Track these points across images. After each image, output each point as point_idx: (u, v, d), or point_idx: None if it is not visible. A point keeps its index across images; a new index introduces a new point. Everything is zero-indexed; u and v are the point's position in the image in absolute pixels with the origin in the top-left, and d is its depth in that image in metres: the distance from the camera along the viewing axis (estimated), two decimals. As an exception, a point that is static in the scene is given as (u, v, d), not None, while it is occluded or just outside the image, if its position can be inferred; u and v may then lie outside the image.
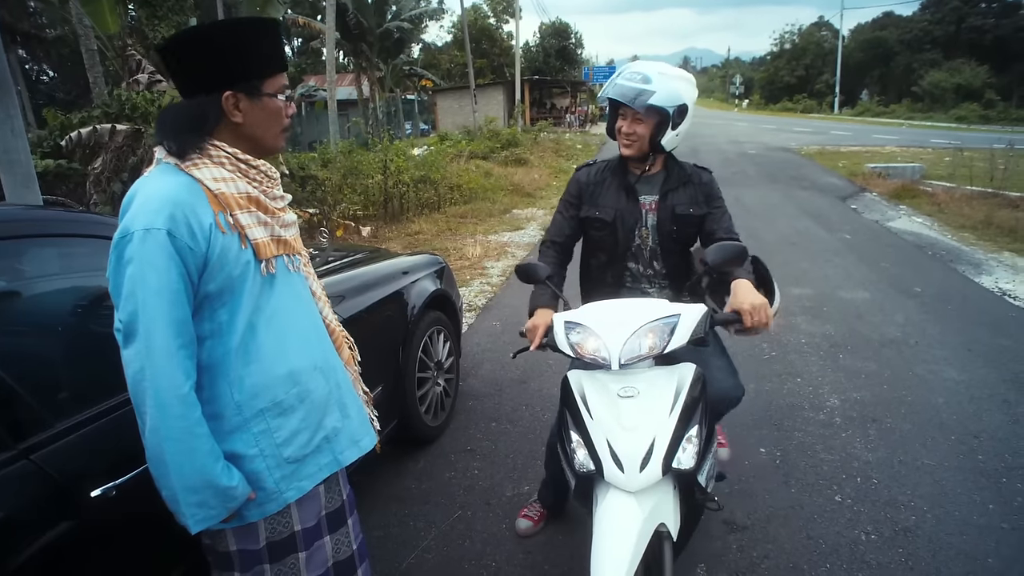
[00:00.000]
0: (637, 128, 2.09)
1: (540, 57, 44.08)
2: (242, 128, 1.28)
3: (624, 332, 1.72)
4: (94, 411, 1.44)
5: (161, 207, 1.15)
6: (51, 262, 1.66)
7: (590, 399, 1.71)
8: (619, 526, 1.52)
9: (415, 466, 2.93)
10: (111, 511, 1.37)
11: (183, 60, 1.24)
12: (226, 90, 1.24)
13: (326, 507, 1.43)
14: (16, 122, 3.63)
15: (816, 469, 2.79)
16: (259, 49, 1.27)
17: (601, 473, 1.59)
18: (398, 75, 34.19)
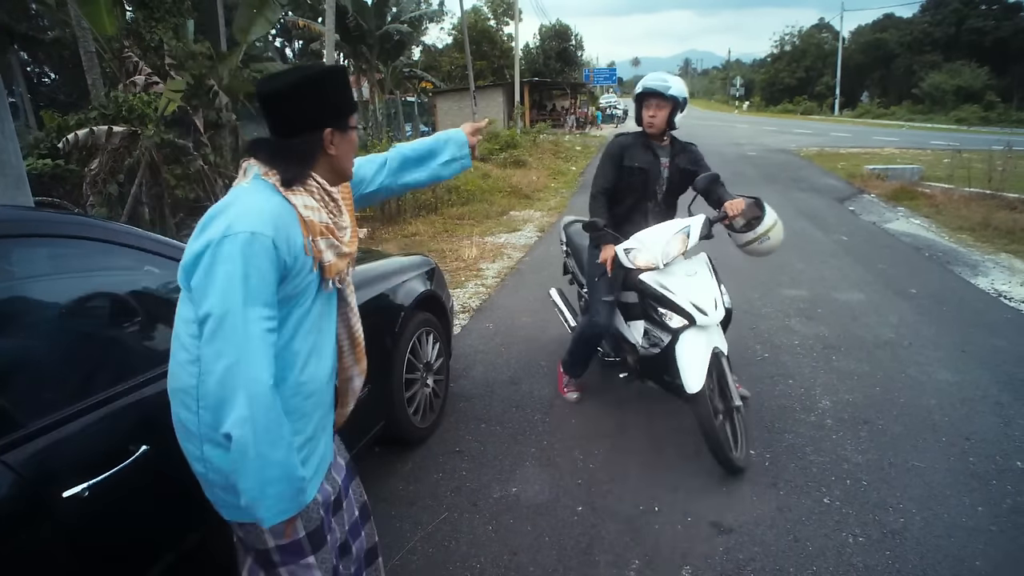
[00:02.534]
0: (659, 113, 3.10)
1: (540, 59, 44.07)
2: (334, 160, 1.45)
3: (661, 245, 2.87)
4: (70, 411, 1.43)
5: (269, 218, 1.28)
6: (28, 263, 1.64)
7: (668, 284, 2.86)
8: (699, 350, 2.75)
9: (403, 467, 2.92)
10: (84, 512, 1.36)
11: (292, 102, 1.38)
12: (328, 127, 1.41)
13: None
14: (7, 124, 3.62)
15: (805, 471, 2.78)
16: (347, 92, 1.48)
17: (693, 321, 2.79)
18: (398, 77, 34.21)
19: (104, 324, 1.70)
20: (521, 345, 4.35)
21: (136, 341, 1.75)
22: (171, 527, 1.63)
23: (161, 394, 1.50)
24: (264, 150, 1.40)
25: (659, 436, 3.11)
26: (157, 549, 1.59)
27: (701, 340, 2.77)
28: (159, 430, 1.56)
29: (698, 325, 2.78)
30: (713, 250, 3.16)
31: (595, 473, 2.82)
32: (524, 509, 2.59)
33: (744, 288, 5.46)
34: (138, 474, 1.48)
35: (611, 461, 2.91)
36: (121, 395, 1.55)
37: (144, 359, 1.69)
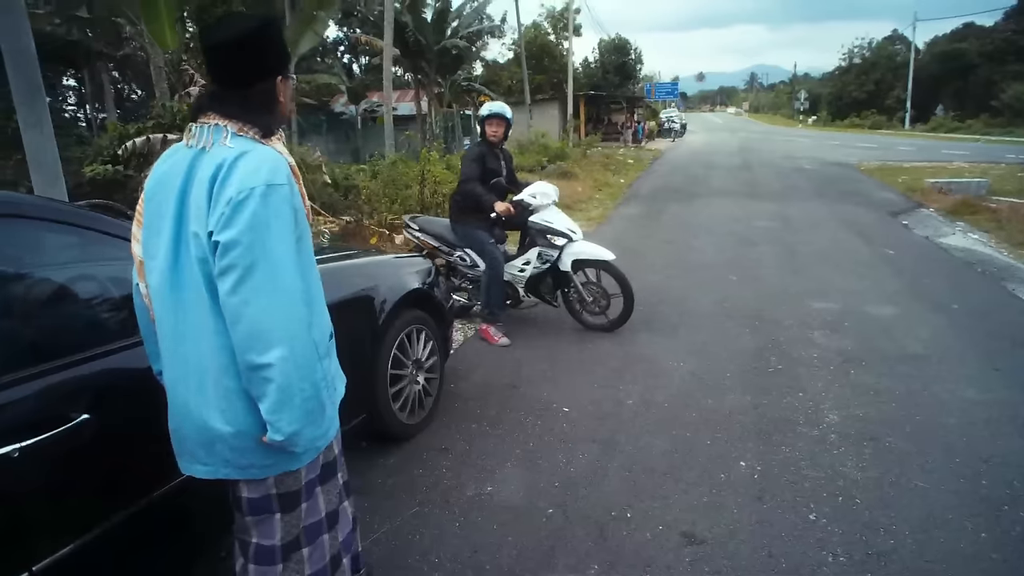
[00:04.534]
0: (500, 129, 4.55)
1: (599, 73, 43.98)
2: (282, 106, 1.49)
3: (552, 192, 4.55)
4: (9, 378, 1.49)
5: (278, 167, 1.34)
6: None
7: (551, 219, 4.48)
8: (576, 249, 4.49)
9: (386, 461, 2.93)
10: (13, 469, 1.41)
11: (246, 53, 1.41)
12: (278, 75, 1.46)
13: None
14: (46, 126, 3.85)
15: (796, 485, 2.63)
16: (284, 41, 1.52)
17: (570, 239, 4.47)
18: (456, 91, 34.79)
19: (57, 300, 1.78)
20: (527, 351, 4.32)
21: (90, 318, 1.82)
22: (111, 493, 1.68)
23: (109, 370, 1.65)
24: (232, 104, 1.39)
25: (648, 445, 3.01)
26: (93, 513, 1.63)
27: (576, 247, 4.48)
28: (103, 401, 1.64)
29: (573, 240, 4.47)
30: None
31: (575, 477, 2.76)
32: (495, 508, 2.55)
33: (771, 299, 5.27)
34: (75, 440, 1.53)
35: (594, 466, 2.84)
36: (65, 367, 1.62)
37: (94, 336, 1.75)
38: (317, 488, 1.59)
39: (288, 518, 1.53)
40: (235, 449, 1.41)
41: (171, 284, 1.38)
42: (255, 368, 1.30)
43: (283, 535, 1.53)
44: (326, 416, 1.46)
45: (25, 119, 3.75)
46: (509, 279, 4.65)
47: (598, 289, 4.60)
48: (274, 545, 1.53)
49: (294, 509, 1.53)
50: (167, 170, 1.41)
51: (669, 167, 19.18)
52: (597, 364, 4.01)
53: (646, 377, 3.77)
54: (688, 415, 3.27)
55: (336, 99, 34.70)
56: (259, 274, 1.28)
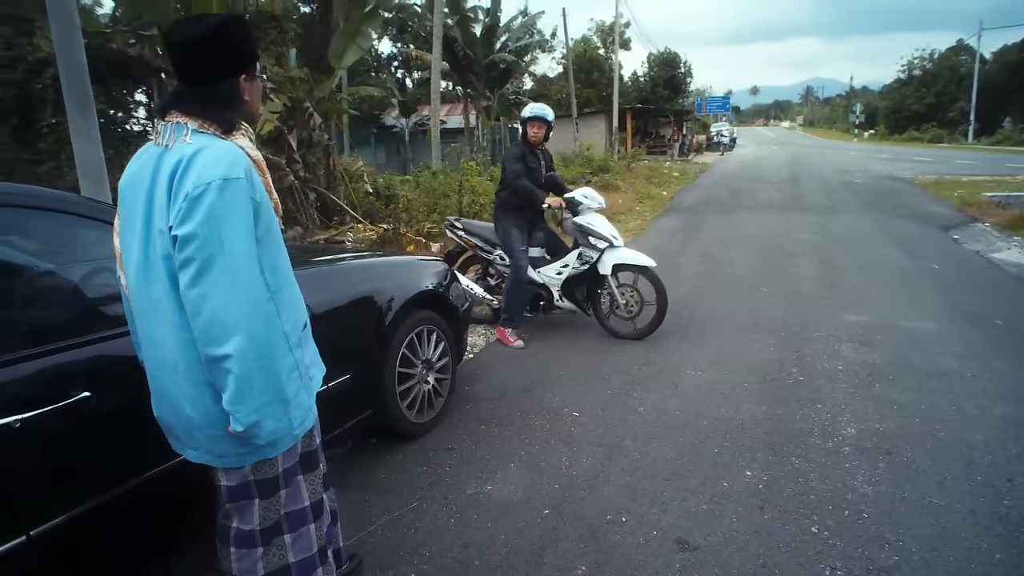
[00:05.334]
0: (541, 130, 4.61)
1: (648, 87, 43.77)
2: (247, 104, 1.52)
3: (599, 197, 4.72)
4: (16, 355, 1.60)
5: (236, 161, 1.36)
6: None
7: (593, 223, 4.55)
8: (615, 255, 4.55)
9: (392, 458, 2.97)
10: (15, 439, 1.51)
11: (208, 51, 1.43)
12: (242, 74, 1.48)
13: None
14: (94, 134, 4.08)
15: (801, 497, 2.55)
16: (253, 40, 1.54)
17: (611, 244, 4.52)
18: (504, 104, 35.15)
19: (65, 286, 1.90)
20: (545, 356, 4.32)
21: (96, 305, 1.93)
22: (107, 468, 1.77)
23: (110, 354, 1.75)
24: (192, 102, 1.42)
25: (654, 451, 2.97)
26: (89, 484, 1.71)
27: (617, 252, 4.54)
28: (103, 380, 1.74)
29: (614, 246, 4.53)
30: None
31: (575, 480, 2.74)
32: (492, 507, 2.56)
33: (801, 311, 5.14)
34: (74, 415, 1.63)
35: (596, 470, 2.82)
36: (68, 348, 1.72)
37: (99, 322, 1.86)
38: (299, 476, 1.63)
39: (266, 503, 1.58)
40: (209, 438, 1.47)
41: (143, 279, 1.42)
42: (214, 360, 1.34)
43: (261, 520, 1.58)
44: (293, 405, 1.47)
45: (76, 127, 3.99)
46: (545, 282, 4.73)
47: (633, 293, 4.63)
48: (253, 529, 1.58)
49: (272, 495, 1.58)
50: (137, 169, 1.45)
51: (714, 180, 18.89)
52: (614, 371, 3.98)
53: (661, 385, 3.72)
54: (699, 423, 3.22)
55: (388, 112, 35.50)
56: (217, 267, 1.30)
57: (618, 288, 4.61)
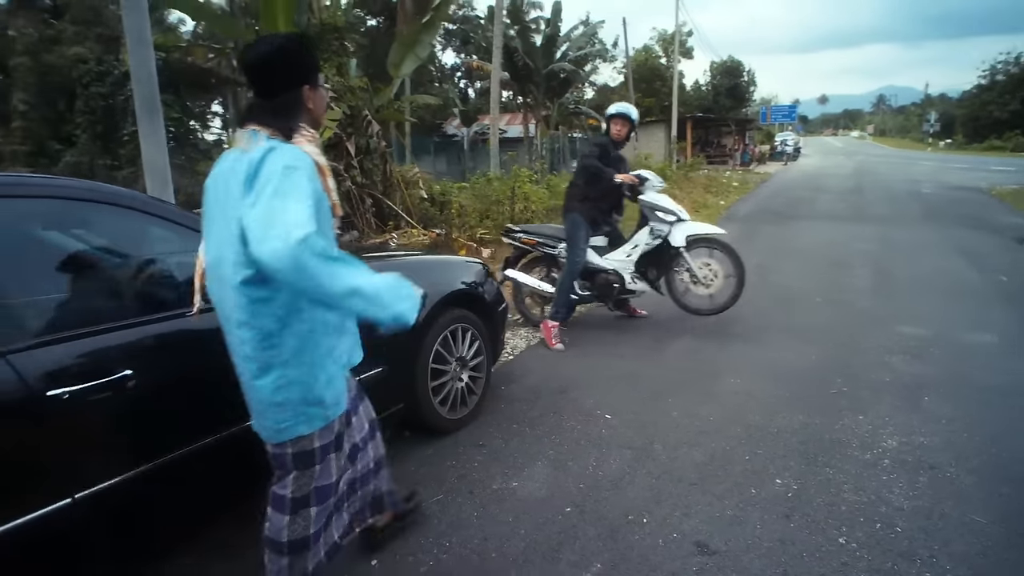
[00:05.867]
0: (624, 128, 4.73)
1: (710, 96, 43.10)
2: (312, 112, 1.74)
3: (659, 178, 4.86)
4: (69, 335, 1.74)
5: (300, 158, 1.56)
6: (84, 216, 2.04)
7: (660, 201, 4.70)
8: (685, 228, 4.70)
9: (423, 452, 3.04)
10: (63, 410, 1.65)
11: (274, 68, 1.67)
12: (304, 85, 1.70)
13: None
14: (160, 137, 4.36)
15: (831, 507, 2.48)
16: (314, 55, 1.79)
17: (679, 219, 4.68)
18: (564, 113, 35.23)
19: (116, 271, 2.05)
20: (584, 361, 4.33)
21: (140, 290, 2.07)
22: (147, 441, 1.90)
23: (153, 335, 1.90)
24: (265, 113, 1.65)
25: (682, 456, 2.94)
26: (129, 455, 1.85)
27: (686, 225, 4.68)
28: (144, 361, 1.86)
29: (681, 220, 4.66)
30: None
31: (600, 480, 2.75)
32: (515, 502, 2.60)
33: (852, 322, 4.99)
34: (116, 390, 1.76)
35: (622, 471, 2.81)
36: (115, 329, 1.86)
37: (143, 306, 2.01)
38: (332, 455, 1.81)
39: (301, 476, 1.78)
40: (256, 411, 1.72)
41: (216, 262, 1.64)
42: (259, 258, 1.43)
43: (294, 489, 1.76)
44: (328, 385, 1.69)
45: (144, 133, 4.27)
46: (615, 267, 4.81)
47: (709, 264, 4.76)
48: (286, 496, 1.78)
49: (308, 468, 1.77)
50: (220, 168, 1.66)
51: (773, 190, 18.40)
52: (652, 376, 3.95)
53: (697, 392, 3.68)
54: (732, 430, 3.17)
55: (449, 122, 36.15)
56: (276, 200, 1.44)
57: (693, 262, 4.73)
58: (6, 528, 1.54)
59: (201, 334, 2.01)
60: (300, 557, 1.82)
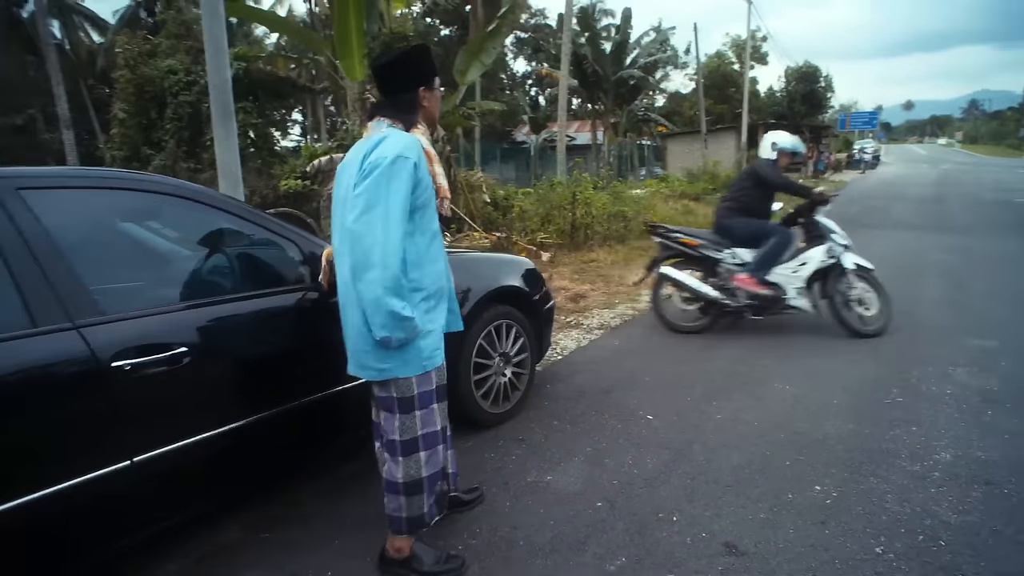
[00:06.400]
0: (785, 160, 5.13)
1: (784, 102, 41.81)
2: (426, 111, 2.11)
3: None
4: (133, 313, 1.93)
5: (410, 147, 1.90)
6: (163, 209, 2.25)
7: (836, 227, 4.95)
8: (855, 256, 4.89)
9: (463, 443, 3.12)
10: (126, 378, 1.84)
11: (396, 72, 2.05)
12: (420, 87, 2.06)
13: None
14: (233, 141, 4.66)
15: (871, 517, 2.41)
16: (431, 59, 2.12)
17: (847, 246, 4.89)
18: (632, 120, 34.96)
19: (180, 257, 2.24)
20: (633, 363, 4.34)
21: (204, 273, 2.26)
22: (200, 412, 2.07)
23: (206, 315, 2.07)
24: (388, 109, 2.03)
25: (721, 458, 2.92)
26: (183, 425, 2.02)
27: (853, 253, 4.85)
28: (199, 340, 2.04)
29: (849, 248, 4.83)
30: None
31: (635, 478, 2.76)
32: (548, 495, 2.65)
33: (916, 332, 4.78)
34: (172, 364, 1.94)
35: (658, 471, 2.82)
36: (174, 310, 2.05)
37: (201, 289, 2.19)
38: (434, 404, 2.06)
39: (404, 419, 2.02)
40: (360, 352, 1.97)
41: (337, 232, 2.01)
42: (360, 284, 1.83)
43: (401, 433, 2.03)
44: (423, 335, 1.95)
45: (218, 136, 4.57)
46: (779, 280, 4.87)
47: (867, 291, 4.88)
48: (395, 440, 2.03)
49: (408, 412, 2.01)
50: (349, 156, 2.01)
51: (847, 198, 17.64)
52: (699, 380, 3.93)
53: (744, 396, 3.63)
54: (775, 435, 3.11)
55: (519, 129, 36.50)
56: (371, 214, 1.81)
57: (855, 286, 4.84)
58: (70, 484, 1.72)
59: (250, 316, 2.19)
60: (415, 498, 2.05)
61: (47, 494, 1.69)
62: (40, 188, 1.85)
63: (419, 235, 1.95)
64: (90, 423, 1.81)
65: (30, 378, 1.70)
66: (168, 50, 12.52)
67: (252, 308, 2.22)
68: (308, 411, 2.38)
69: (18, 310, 1.68)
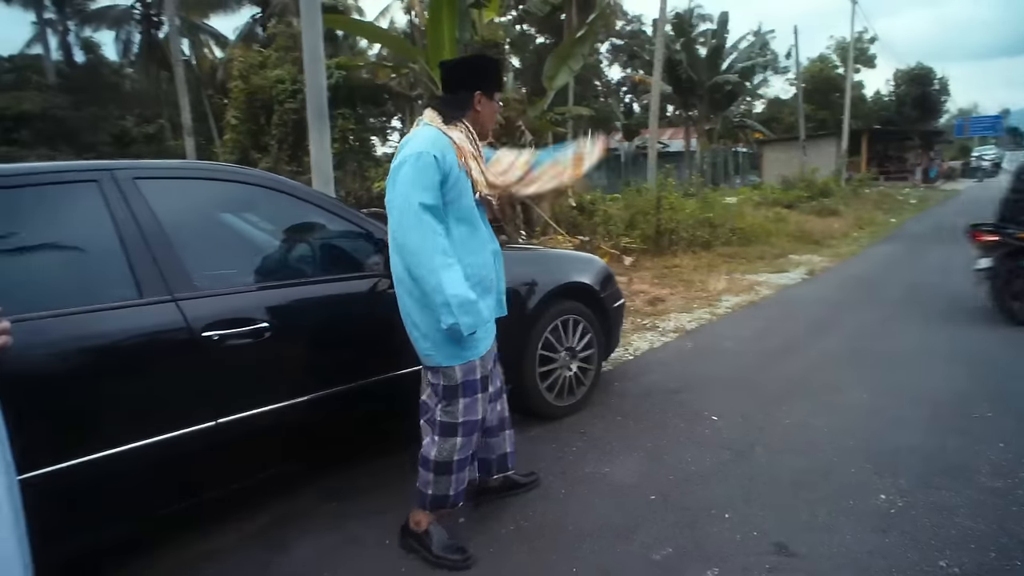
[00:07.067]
0: None
1: (893, 107, 39.31)
2: (479, 116, 2.19)
3: None
4: (226, 290, 2.19)
5: (433, 142, 2.01)
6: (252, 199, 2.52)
7: None
8: None
9: (526, 432, 3.22)
10: (214, 347, 2.08)
11: (458, 71, 2.22)
12: (477, 90, 2.15)
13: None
14: (326, 142, 5.02)
15: (939, 529, 2.31)
16: (496, 72, 2.26)
17: None
18: (728, 127, 33.96)
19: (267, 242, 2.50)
20: (707, 365, 4.31)
21: (287, 258, 2.51)
22: (279, 382, 2.30)
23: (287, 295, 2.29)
24: (438, 102, 2.18)
25: (783, 462, 2.87)
26: (263, 392, 2.25)
27: None
28: (279, 318, 2.26)
29: None
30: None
31: (692, 475, 2.78)
32: (603, 485, 2.72)
33: (1018, 347, 4.44)
34: (255, 337, 2.17)
35: (717, 469, 2.82)
36: (256, 289, 2.29)
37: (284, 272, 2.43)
38: (478, 394, 2.14)
39: (446, 405, 2.13)
40: (412, 338, 2.12)
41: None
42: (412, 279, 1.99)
43: (442, 416, 2.15)
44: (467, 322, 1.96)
45: (313, 138, 4.95)
46: None
47: None
48: (433, 419, 2.18)
49: (452, 400, 2.12)
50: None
51: (958, 208, 16.38)
52: (771, 384, 3.86)
53: (815, 403, 3.53)
54: (843, 442, 3.02)
55: (611, 135, 36.37)
56: (400, 215, 1.94)
57: None
58: (159, 439, 1.98)
59: (326, 299, 2.39)
60: (443, 478, 2.16)
61: (142, 445, 1.95)
62: (152, 178, 2.14)
63: (455, 227, 2.05)
64: (181, 385, 2.07)
65: (136, 341, 1.98)
66: (277, 61, 13.46)
67: (328, 292, 2.44)
68: (374, 390, 2.57)
69: (128, 282, 1.96)
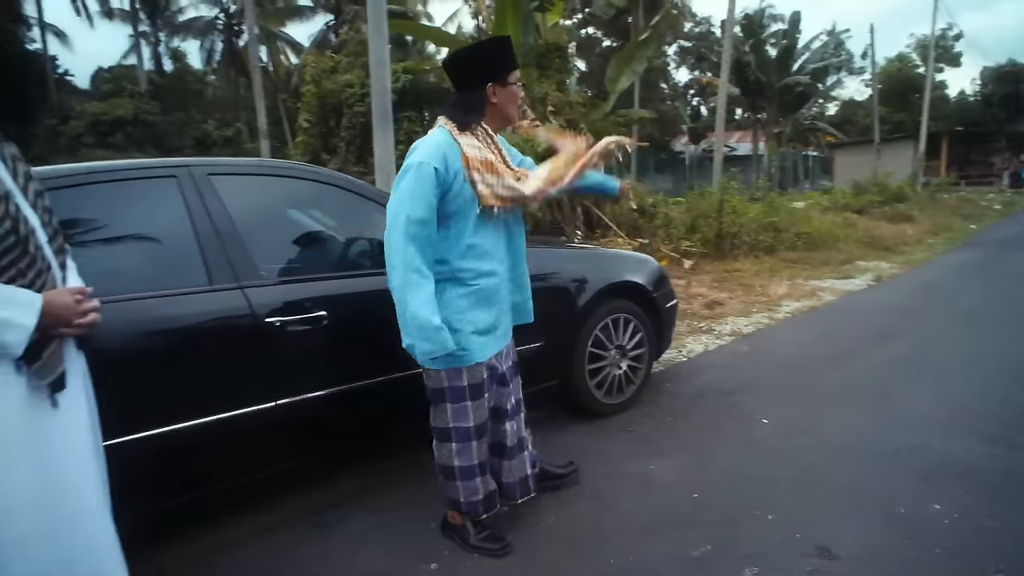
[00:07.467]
0: None
1: (978, 107, 37.11)
2: (498, 107, 2.03)
3: None
4: (286, 279, 2.37)
5: (434, 152, 1.93)
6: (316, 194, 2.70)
7: None
8: None
9: (574, 427, 3.31)
10: (275, 333, 2.25)
11: (462, 67, 2.05)
12: (489, 83, 1.99)
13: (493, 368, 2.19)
14: (389, 141, 5.24)
15: (988, 538, 2.24)
16: (503, 53, 2.04)
17: None
18: (798, 130, 32.91)
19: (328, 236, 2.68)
20: (762, 369, 4.27)
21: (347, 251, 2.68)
22: (335, 368, 2.46)
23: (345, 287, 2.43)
24: (449, 104, 2.05)
25: (834, 467, 2.83)
26: (321, 376, 2.40)
27: None
28: (336, 308, 2.40)
29: None
30: None
31: (738, 476, 2.77)
32: (646, 482, 2.75)
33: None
34: (314, 325, 2.33)
35: (764, 472, 2.80)
36: (316, 280, 2.46)
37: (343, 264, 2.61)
38: (467, 402, 2.09)
39: (435, 409, 2.13)
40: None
41: None
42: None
43: (433, 419, 2.15)
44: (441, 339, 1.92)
45: (377, 139, 5.17)
46: None
47: None
48: (431, 424, 2.18)
49: (438, 404, 2.13)
50: None
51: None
52: (827, 390, 3.81)
53: (871, 410, 3.45)
54: (899, 451, 2.94)
55: (677, 138, 35.83)
56: (392, 226, 1.90)
57: None
58: (224, 416, 2.15)
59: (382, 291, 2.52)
60: (450, 483, 2.18)
61: (207, 422, 2.12)
62: (225, 174, 2.34)
63: (465, 235, 2.00)
64: (244, 366, 2.25)
65: (206, 324, 2.17)
66: (347, 66, 13.95)
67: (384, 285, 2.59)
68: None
69: (200, 270, 2.16)
